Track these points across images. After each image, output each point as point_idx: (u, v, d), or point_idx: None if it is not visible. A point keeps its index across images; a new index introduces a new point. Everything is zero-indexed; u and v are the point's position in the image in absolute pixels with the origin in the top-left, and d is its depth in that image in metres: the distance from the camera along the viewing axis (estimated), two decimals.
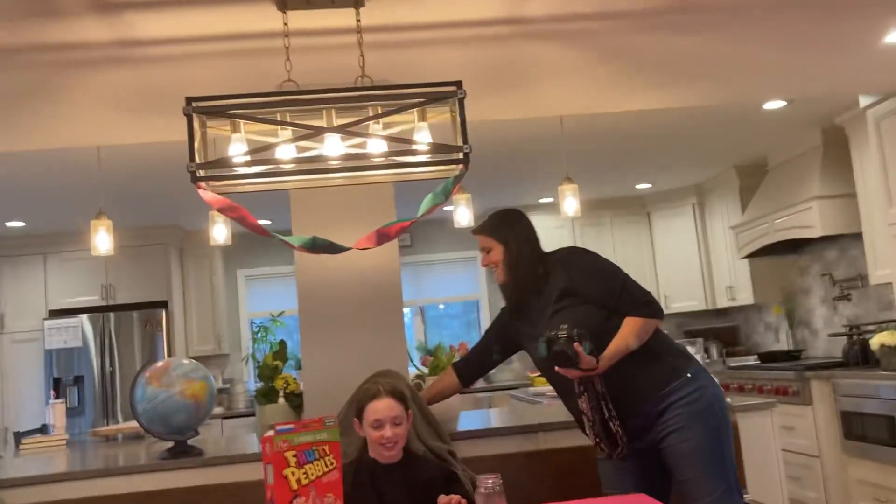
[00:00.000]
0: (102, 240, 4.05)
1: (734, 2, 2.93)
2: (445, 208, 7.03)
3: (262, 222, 2.42)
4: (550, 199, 7.31)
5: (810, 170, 5.58)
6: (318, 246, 2.37)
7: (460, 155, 2.25)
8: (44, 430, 4.71)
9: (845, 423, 4.83)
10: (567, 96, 3.62)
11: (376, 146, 2.32)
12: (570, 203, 4.42)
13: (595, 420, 2.47)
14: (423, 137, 2.32)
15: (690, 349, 3.43)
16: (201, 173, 2.15)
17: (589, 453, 2.92)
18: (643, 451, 2.52)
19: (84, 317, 6.52)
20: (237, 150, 2.25)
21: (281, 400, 3.10)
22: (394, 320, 3.14)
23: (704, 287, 7.19)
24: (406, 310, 7.15)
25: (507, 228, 2.68)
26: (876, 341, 4.67)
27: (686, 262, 7.31)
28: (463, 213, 4.60)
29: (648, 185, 7.13)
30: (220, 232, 4.29)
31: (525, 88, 3.54)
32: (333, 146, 2.28)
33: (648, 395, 2.46)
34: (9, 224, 6.21)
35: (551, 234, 7.48)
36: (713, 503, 2.39)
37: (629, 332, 2.45)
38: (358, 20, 2.60)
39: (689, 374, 2.49)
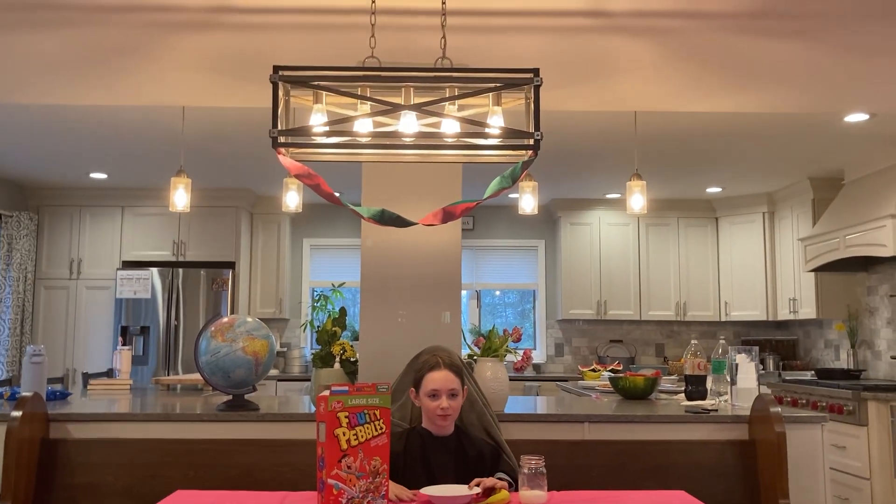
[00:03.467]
0: (180, 197, 4.21)
1: (821, 9, 2.89)
2: (510, 195, 7.05)
3: None
4: (617, 195, 7.27)
5: (889, 187, 5.42)
6: (387, 218, 2.45)
7: (531, 141, 2.29)
8: (110, 373, 4.92)
9: None
10: (643, 92, 3.61)
11: (450, 126, 2.38)
12: (637, 200, 4.41)
13: None
14: (495, 121, 2.37)
15: (745, 357, 3.40)
16: (282, 139, 2.25)
17: (635, 447, 2.95)
18: None
19: (154, 270, 6.78)
20: (317, 120, 2.34)
21: (337, 365, 3.19)
22: (451, 299, 3.22)
23: (767, 297, 7.07)
24: (462, 292, 7.20)
25: None
26: None
27: (750, 270, 7.20)
28: (528, 201, 4.62)
29: (719, 190, 7.03)
30: (292, 199, 4.41)
31: (601, 81, 3.55)
32: (409, 123, 2.34)
33: None
34: (92, 175, 6.49)
35: (615, 231, 7.46)
36: None
37: None
38: (443, 2, 2.66)
39: None
